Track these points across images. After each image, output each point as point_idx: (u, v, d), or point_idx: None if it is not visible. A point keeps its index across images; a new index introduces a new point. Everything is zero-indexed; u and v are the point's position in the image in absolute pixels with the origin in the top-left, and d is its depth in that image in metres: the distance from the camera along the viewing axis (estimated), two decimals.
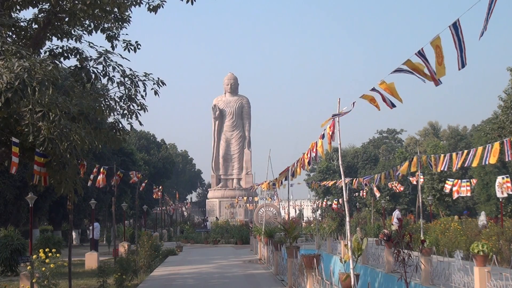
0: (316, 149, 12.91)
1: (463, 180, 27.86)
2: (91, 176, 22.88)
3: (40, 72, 8.70)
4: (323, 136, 11.55)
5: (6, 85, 8.06)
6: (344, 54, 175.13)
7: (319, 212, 63.75)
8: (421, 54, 7.12)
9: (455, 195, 27.58)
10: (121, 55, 13.26)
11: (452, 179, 29.11)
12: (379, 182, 25.00)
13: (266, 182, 24.70)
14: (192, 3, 14.98)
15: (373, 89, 8.34)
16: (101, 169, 23.27)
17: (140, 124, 14.34)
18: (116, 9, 14.37)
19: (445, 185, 29.64)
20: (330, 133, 10.56)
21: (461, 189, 26.40)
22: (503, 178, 22.23)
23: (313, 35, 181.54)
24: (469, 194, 27.86)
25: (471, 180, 29.49)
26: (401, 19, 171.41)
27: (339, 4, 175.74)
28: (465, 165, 15.84)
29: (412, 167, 19.84)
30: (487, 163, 14.64)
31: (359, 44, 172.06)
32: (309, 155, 13.92)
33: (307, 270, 11.08)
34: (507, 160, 14.01)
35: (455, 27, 6.55)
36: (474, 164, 15.10)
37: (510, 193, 22.83)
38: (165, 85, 13.86)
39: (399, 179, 26.44)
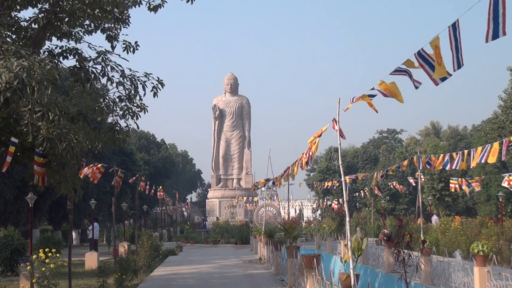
0: (312, 148, 12.83)
1: (467, 178, 27.95)
2: (86, 170, 22.71)
3: (39, 72, 8.69)
4: (320, 135, 11.52)
5: (5, 85, 8.05)
6: (345, 54, 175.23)
7: (319, 212, 63.77)
8: (420, 55, 7.12)
9: (468, 193, 27.75)
10: (119, 55, 13.25)
11: (456, 179, 29.17)
12: (378, 181, 25.01)
13: (264, 180, 24.61)
14: (192, 3, 14.97)
15: (373, 90, 8.33)
16: (97, 165, 23.15)
17: (137, 127, 14.31)
18: (115, 9, 14.36)
19: (451, 185, 29.73)
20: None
21: (472, 185, 26.59)
22: (509, 176, 22.62)
23: (313, 35, 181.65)
24: (478, 189, 28.05)
25: (475, 178, 29.57)
26: (403, 19, 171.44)
27: (340, 4, 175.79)
28: (468, 167, 15.82)
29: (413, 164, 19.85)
30: (482, 161, 14.64)
31: (360, 44, 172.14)
32: (307, 155, 13.88)
33: (307, 270, 11.07)
34: (502, 159, 14.00)
35: (454, 27, 6.54)
36: (473, 164, 15.08)
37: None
38: (164, 85, 13.81)
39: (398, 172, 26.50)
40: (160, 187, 45.60)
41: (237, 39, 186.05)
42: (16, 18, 14.34)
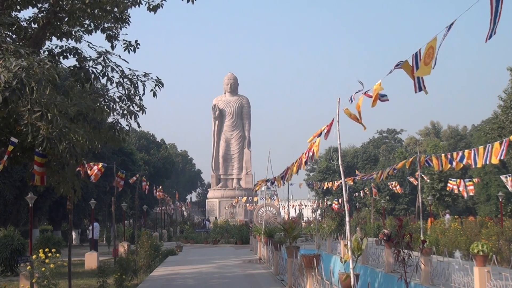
0: (313, 148, 12.83)
1: (466, 180, 27.97)
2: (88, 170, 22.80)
3: (38, 72, 8.67)
4: (319, 135, 11.52)
5: (4, 85, 8.03)
6: (345, 54, 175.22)
7: (319, 212, 63.77)
8: (416, 56, 7.15)
9: (465, 195, 27.79)
10: (120, 56, 13.26)
11: (455, 179, 29.18)
12: (377, 180, 25.01)
13: (263, 180, 24.60)
14: (192, 3, 14.95)
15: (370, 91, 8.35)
16: (99, 166, 23.15)
17: (138, 126, 14.31)
18: (115, 9, 14.36)
19: (448, 185, 29.77)
20: (326, 131, 10.54)
21: (467, 188, 26.63)
22: (506, 178, 22.57)
23: (313, 35, 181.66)
24: (471, 193, 28.13)
25: (474, 179, 29.60)
26: (404, 20, 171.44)
27: (340, 4, 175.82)
28: (469, 165, 15.80)
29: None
30: (487, 162, 14.63)
31: (360, 44, 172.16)
32: (307, 154, 13.88)
33: (307, 270, 11.07)
34: (498, 158, 13.97)
35: (449, 29, 6.59)
36: (479, 165, 15.04)
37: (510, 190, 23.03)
38: (163, 86, 13.80)
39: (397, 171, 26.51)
40: (160, 187, 45.59)
41: (237, 39, 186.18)
42: (16, 18, 14.34)
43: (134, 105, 13.57)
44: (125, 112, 13.48)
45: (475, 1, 6.24)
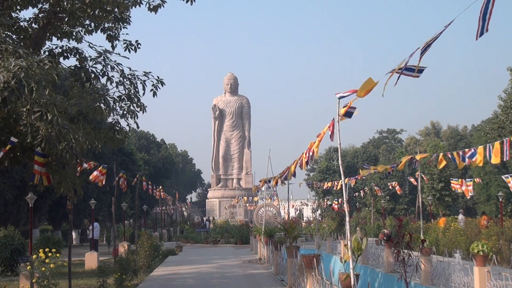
0: (313, 149, 12.83)
1: (466, 180, 27.99)
2: (93, 173, 22.88)
3: (38, 72, 8.67)
4: (321, 135, 11.51)
5: (3, 85, 8.03)
6: (345, 54, 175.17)
7: (319, 212, 63.75)
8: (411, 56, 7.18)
9: (468, 195, 27.86)
10: (119, 54, 13.26)
11: (456, 179, 29.17)
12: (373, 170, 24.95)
13: (263, 179, 24.61)
14: (191, 3, 14.96)
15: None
16: (100, 168, 23.17)
17: (137, 126, 14.31)
18: (116, 9, 14.37)
19: (452, 185, 29.82)
20: (330, 133, 10.53)
21: (468, 188, 26.68)
22: (507, 177, 22.57)
23: (313, 35, 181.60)
24: (471, 193, 28.17)
25: (474, 179, 29.62)
26: (403, 19, 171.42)
27: (339, 4, 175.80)
28: (469, 165, 15.79)
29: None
30: (491, 162, 14.63)
31: (360, 44, 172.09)
32: (307, 155, 13.88)
33: (307, 270, 11.07)
34: (505, 159, 13.97)
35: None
36: (480, 164, 15.01)
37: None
38: (164, 84, 13.82)
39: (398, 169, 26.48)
40: (160, 187, 45.57)
41: (237, 39, 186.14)
42: (17, 19, 14.35)
43: (134, 105, 13.57)
44: (125, 112, 13.49)
45: (473, 1, 6.23)
